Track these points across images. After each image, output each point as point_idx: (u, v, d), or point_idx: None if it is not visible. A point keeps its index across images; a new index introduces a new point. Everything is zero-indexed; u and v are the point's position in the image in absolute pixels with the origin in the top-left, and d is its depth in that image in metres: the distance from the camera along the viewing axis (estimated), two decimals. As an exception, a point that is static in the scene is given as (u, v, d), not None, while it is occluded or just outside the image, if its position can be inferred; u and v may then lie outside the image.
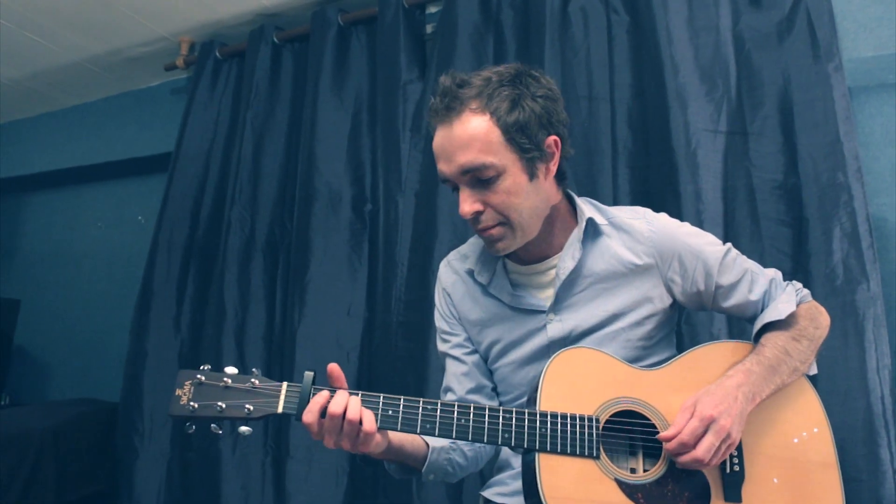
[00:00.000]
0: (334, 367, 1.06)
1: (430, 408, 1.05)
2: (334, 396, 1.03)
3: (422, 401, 1.06)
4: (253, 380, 1.06)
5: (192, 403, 1.04)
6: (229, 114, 2.55)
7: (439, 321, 1.36)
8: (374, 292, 2.09)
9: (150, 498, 2.27)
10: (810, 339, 1.16)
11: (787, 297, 1.19)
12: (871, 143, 1.67)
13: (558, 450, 1.04)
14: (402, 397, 1.06)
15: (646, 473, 1.07)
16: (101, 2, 2.42)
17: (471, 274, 1.30)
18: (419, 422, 1.05)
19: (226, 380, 1.06)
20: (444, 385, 1.34)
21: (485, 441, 1.06)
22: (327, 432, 1.02)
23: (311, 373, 1.07)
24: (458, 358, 1.31)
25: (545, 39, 1.90)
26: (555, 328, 1.21)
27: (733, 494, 1.06)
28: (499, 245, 1.16)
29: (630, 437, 1.10)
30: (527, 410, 1.07)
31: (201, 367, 1.08)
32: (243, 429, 1.05)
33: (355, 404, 1.02)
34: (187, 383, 1.06)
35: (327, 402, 1.02)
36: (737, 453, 1.08)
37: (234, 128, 2.50)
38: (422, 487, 1.84)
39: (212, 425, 1.05)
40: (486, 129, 1.09)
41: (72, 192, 3.36)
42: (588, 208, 1.23)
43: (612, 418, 1.08)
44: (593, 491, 1.03)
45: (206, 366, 1.09)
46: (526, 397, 1.16)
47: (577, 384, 1.10)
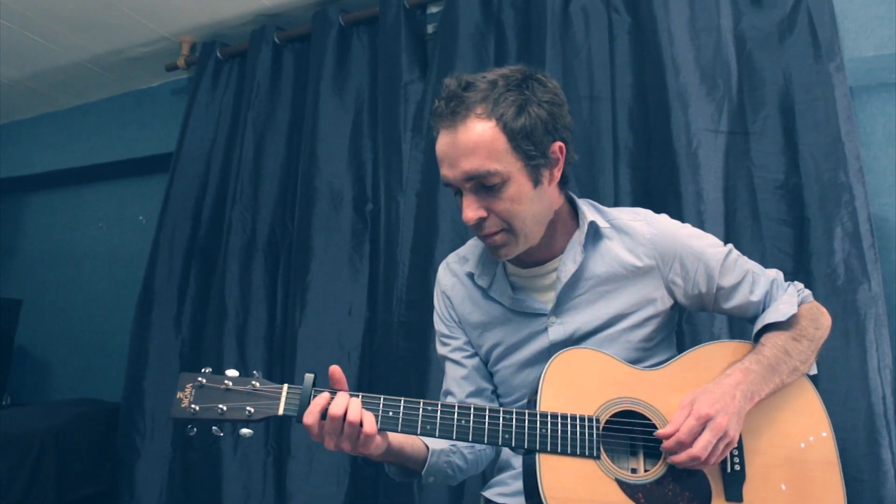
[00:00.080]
0: (335, 370, 1.06)
1: (430, 409, 1.06)
2: (335, 398, 1.03)
3: (422, 402, 1.06)
4: (254, 382, 1.06)
5: (193, 406, 1.05)
6: (230, 114, 2.55)
7: (439, 324, 1.35)
8: (375, 292, 2.09)
9: (152, 498, 2.27)
10: (810, 339, 1.16)
11: (789, 298, 1.19)
12: (872, 143, 1.67)
13: (559, 450, 1.04)
14: (402, 399, 1.06)
15: (646, 473, 1.07)
16: (101, 2, 2.42)
17: (471, 277, 1.29)
18: (420, 423, 1.05)
19: (227, 382, 1.06)
20: (443, 388, 1.33)
21: (485, 442, 1.06)
22: (328, 434, 1.02)
23: (312, 375, 1.07)
24: (458, 361, 1.31)
25: (546, 39, 1.89)
26: (556, 331, 1.21)
27: (734, 494, 1.06)
28: (501, 251, 1.16)
29: (631, 437, 1.10)
30: (527, 411, 1.07)
31: (202, 370, 1.09)
32: (244, 431, 1.05)
33: (356, 406, 1.02)
34: (188, 386, 1.06)
35: (328, 403, 1.02)
36: (737, 452, 1.08)
37: (235, 128, 2.50)
38: (423, 488, 1.84)
39: (213, 427, 1.05)
40: (491, 135, 1.07)
41: (73, 192, 3.36)
42: (589, 211, 1.23)
43: (612, 418, 1.08)
44: (594, 491, 1.03)
45: (207, 368, 1.09)
46: (526, 398, 1.16)
47: (578, 384, 1.10)
